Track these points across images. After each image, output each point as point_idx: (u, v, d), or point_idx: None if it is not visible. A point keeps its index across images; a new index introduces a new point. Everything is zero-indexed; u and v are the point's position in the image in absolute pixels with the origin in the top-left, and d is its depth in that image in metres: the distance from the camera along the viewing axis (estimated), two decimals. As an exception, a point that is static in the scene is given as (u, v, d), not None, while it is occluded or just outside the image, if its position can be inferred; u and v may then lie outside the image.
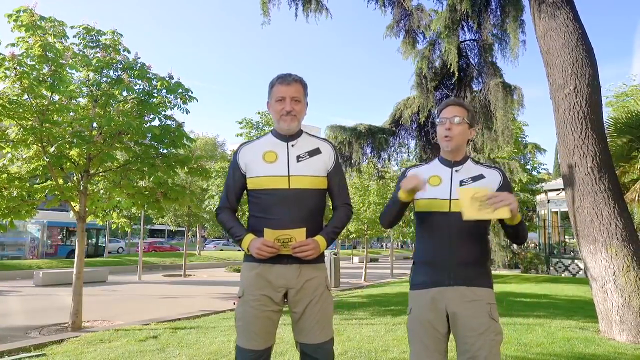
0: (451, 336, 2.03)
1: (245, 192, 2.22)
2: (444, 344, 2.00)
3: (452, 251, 1.98)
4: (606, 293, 5.19)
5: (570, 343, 4.68)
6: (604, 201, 5.34)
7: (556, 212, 19.10)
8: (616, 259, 5.14)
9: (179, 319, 6.74)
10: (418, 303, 2.05)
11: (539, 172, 25.82)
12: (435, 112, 2.23)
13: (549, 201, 19.15)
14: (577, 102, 5.71)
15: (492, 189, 2.02)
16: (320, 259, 2.15)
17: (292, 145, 2.16)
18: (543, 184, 21.81)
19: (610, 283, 5.14)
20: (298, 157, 2.13)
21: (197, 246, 30.28)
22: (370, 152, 12.02)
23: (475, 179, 2.06)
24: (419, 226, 2.13)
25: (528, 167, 24.68)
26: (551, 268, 18.79)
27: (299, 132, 2.21)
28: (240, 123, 13.10)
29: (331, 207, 2.26)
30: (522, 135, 23.52)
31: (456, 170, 2.08)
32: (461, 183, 2.05)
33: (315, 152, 2.17)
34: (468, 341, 1.92)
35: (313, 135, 2.28)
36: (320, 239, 2.06)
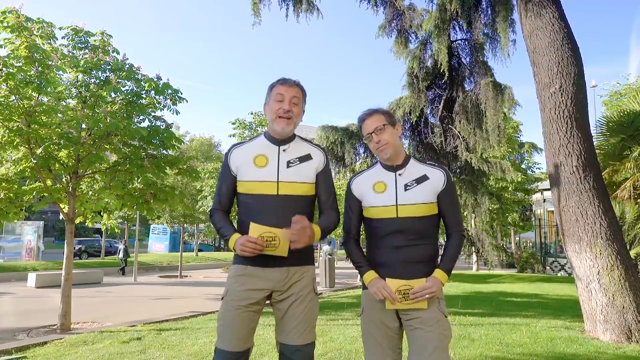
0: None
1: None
2: (396, 340, 2.04)
3: (400, 254, 2.00)
4: (591, 292, 5.18)
5: (552, 343, 4.67)
6: (588, 200, 5.34)
7: (552, 212, 19.09)
8: (600, 258, 5.13)
9: (166, 320, 6.74)
10: (369, 302, 2.07)
11: (533, 172, 25.79)
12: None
13: (545, 200, 19.14)
14: (562, 101, 5.71)
15: (436, 190, 2.04)
16: (309, 260, 2.13)
17: (284, 150, 2.14)
18: (539, 183, 21.79)
19: (595, 282, 5.13)
20: (288, 162, 2.11)
21: (195, 247, 30.26)
22: (364, 152, 12.03)
23: (419, 180, 2.05)
24: (368, 231, 2.15)
25: (523, 166, 24.63)
26: (547, 267, 18.78)
27: (292, 137, 2.19)
28: (233, 124, 13.13)
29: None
30: (517, 135, 23.48)
31: (399, 174, 2.08)
32: (406, 187, 2.04)
33: (306, 158, 2.15)
34: (416, 333, 1.95)
35: (305, 140, 2.26)
36: (316, 227, 2.03)
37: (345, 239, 2.19)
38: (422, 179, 2.05)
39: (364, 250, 2.16)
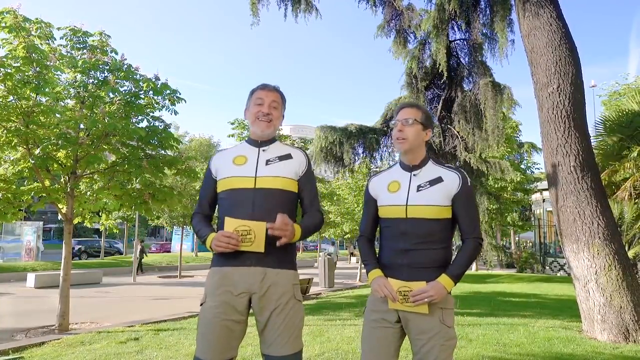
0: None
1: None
2: (393, 346, 1.98)
3: (408, 256, 1.96)
4: (588, 292, 5.18)
5: (550, 343, 4.67)
6: (586, 200, 5.33)
7: (552, 211, 19.10)
8: (598, 258, 5.13)
9: (164, 321, 6.74)
10: (372, 302, 2.05)
11: (533, 172, 25.78)
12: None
13: (544, 200, 19.14)
14: (560, 100, 5.71)
15: (450, 193, 2.00)
16: (287, 264, 2.07)
17: (264, 150, 2.16)
18: (538, 183, 21.79)
19: (592, 282, 5.13)
20: (267, 160, 2.12)
21: (195, 247, 30.26)
22: (363, 152, 12.02)
23: (433, 182, 2.01)
24: (381, 230, 2.13)
25: (522, 166, 24.61)
26: (547, 267, 18.78)
27: (272, 140, 2.22)
28: (232, 124, 13.18)
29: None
30: (516, 135, 23.48)
31: (414, 175, 2.05)
32: (418, 188, 2.01)
33: (286, 157, 2.15)
34: (417, 344, 1.92)
35: (287, 144, 2.29)
36: (296, 226, 2.01)
37: (358, 237, 2.22)
38: (436, 180, 2.01)
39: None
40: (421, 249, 1.95)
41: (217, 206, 2.20)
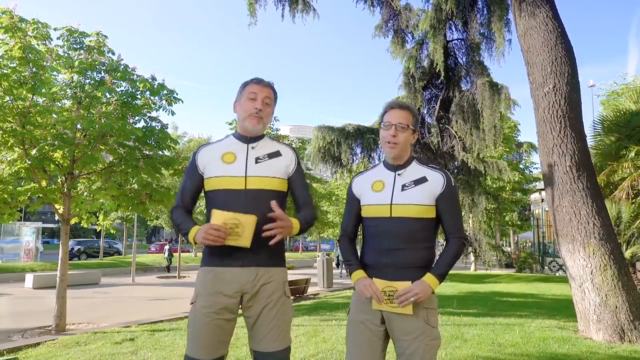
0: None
1: (203, 194, 2.17)
2: (379, 345, 1.97)
3: (392, 256, 1.95)
4: (584, 292, 5.18)
5: (545, 343, 4.66)
6: (582, 200, 5.34)
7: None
8: (594, 258, 5.13)
9: (161, 321, 6.73)
10: (356, 303, 2.04)
11: (531, 172, 25.78)
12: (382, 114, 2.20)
13: (543, 200, 19.14)
14: (556, 100, 5.71)
15: (434, 193, 1.99)
16: (278, 261, 2.08)
17: (252, 148, 2.12)
18: (537, 183, 21.78)
19: (588, 282, 5.13)
20: (257, 158, 2.09)
21: (194, 247, 30.24)
22: (361, 152, 12.03)
23: (418, 182, 2.01)
24: (364, 230, 2.12)
25: (521, 166, 24.61)
26: (545, 267, 18.78)
27: (261, 136, 2.18)
28: (230, 124, 13.19)
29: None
30: (514, 135, 23.47)
31: (399, 174, 2.05)
32: (403, 187, 2.01)
33: (276, 154, 2.13)
34: (402, 344, 1.91)
35: (275, 139, 2.27)
36: (294, 220, 2.01)
37: (340, 236, 2.20)
38: (421, 180, 2.01)
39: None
40: (405, 248, 1.94)
41: (206, 204, 2.16)
